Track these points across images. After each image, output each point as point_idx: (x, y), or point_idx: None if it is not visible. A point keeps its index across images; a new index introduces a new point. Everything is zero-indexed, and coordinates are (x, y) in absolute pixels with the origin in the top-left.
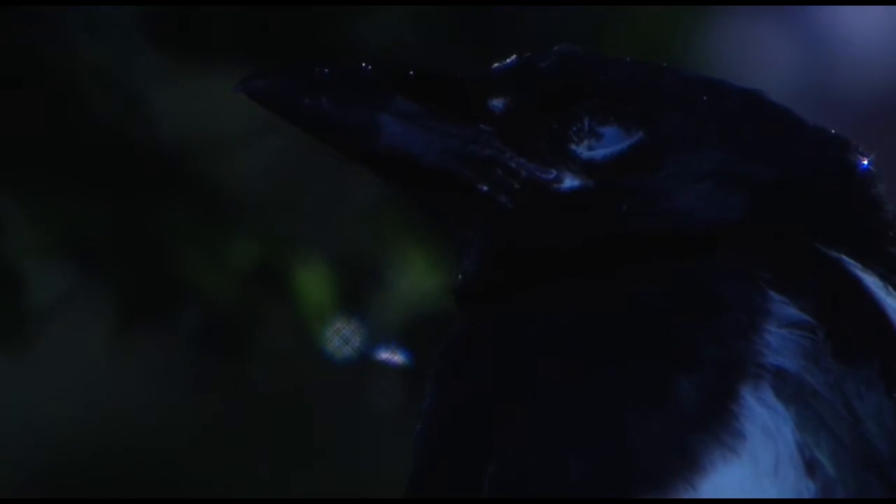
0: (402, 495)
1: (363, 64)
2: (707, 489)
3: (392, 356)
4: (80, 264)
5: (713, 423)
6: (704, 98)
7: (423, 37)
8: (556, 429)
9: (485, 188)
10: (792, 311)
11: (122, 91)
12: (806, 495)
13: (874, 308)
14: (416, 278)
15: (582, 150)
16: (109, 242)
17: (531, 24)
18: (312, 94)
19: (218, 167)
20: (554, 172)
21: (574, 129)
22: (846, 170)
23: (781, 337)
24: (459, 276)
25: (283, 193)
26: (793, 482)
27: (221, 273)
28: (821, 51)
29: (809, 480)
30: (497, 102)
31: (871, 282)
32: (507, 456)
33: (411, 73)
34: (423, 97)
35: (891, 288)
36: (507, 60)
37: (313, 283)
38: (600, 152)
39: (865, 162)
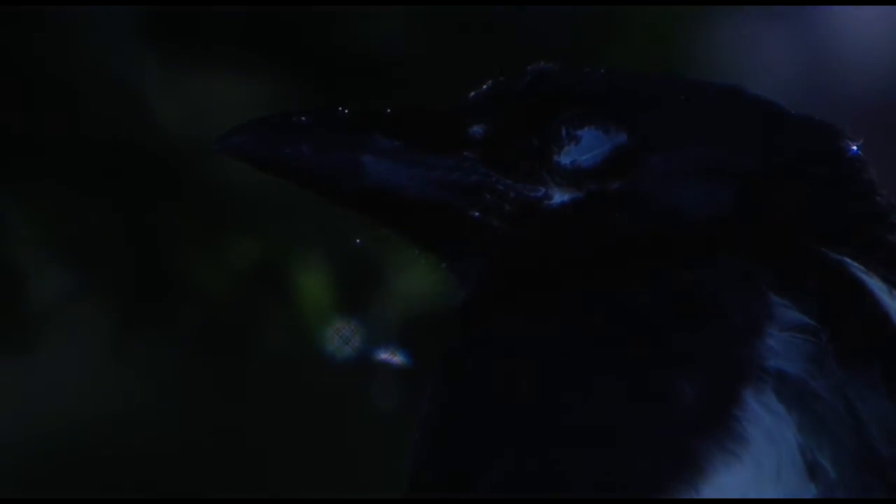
0: (402, 496)
1: (339, 107)
2: (709, 493)
3: (392, 356)
4: (80, 264)
5: (715, 428)
6: (682, 97)
7: (424, 37)
8: (558, 433)
9: (476, 214)
10: (794, 315)
11: (122, 91)
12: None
13: (877, 311)
14: (416, 278)
15: (564, 159)
16: (109, 242)
17: (531, 25)
18: (292, 143)
19: (218, 167)
20: (542, 190)
21: (554, 140)
22: (834, 155)
23: (784, 340)
24: (460, 300)
25: (283, 193)
26: (795, 485)
27: (221, 273)
28: (821, 51)
29: (811, 483)
30: (477, 128)
31: (874, 285)
32: (508, 459)
33: (388, 109)
34: (402, 133)
35: (894, 291)
36: (483, 86)
37: (313, 283)
38: (584, 159)
39: (854, 147)
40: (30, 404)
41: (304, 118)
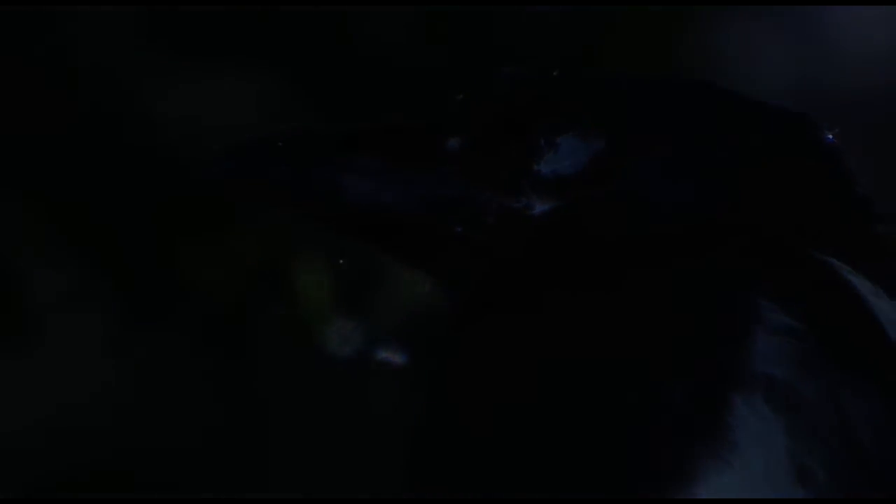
0: (401, 496)
1: (315, 129)
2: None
3: (392, 356)
4: (81, 263)
5: (705, 433)
6: (657, 96)
7: (423, 37)
8: (548, 436)
9: (459, 229)
10: (782, 318)
11: (122, 91)
12: None
13: (865, 313)
14: (416, 278)
15: (544, 168)
16: (110, 241)
17: (531, 25)
18: (272, 169)
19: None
20: (524, 200)
21: (532, 149)
22: (813, 145)
23: (772, 344)
24: (449, 312)
25: None
26: (785, 489)
27: (221, 273)
28: (821, 51)
29: (802, 487)
30: (454, 142)
31: (861, 285)
32: (504, 460)
33: (366, 128)
34: (381, 150)
35: (882, 292)
36: (457, 97)
37: (313, 283)
38: (564, 167)
39: (830, 136)
40: (29, 404)
41: (281, 142)
